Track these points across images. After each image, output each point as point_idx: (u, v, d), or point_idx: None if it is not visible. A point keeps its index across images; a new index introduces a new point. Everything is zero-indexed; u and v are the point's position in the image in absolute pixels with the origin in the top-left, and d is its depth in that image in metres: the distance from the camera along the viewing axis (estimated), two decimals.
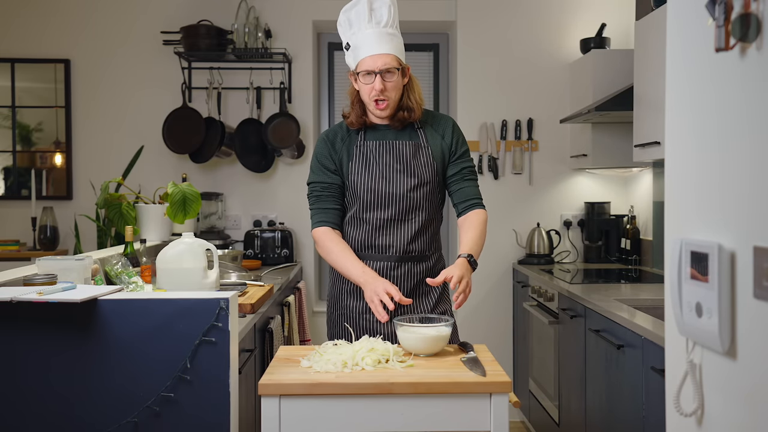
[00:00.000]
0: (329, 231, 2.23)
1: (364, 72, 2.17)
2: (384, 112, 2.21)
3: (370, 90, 2.17)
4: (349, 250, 2.21)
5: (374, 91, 2.16)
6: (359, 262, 2.17)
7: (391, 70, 2.16)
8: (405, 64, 2.23)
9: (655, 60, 2.94)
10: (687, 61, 1.12)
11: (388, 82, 2.16)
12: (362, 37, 2.16)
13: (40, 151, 4.22)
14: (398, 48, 2.20)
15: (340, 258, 2.19)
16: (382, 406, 1.65)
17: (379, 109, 2.20)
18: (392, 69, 2.16)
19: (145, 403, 1.65)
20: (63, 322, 1.67)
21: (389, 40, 2.17)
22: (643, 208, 3.91)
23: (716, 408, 1.05)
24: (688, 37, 1.11)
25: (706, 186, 1.07)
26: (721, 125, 1.02)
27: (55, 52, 4.18)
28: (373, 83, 2.16)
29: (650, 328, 2.18)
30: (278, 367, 1.78)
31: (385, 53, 2.15)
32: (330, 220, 2.25)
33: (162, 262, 2.24)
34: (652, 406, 2.19)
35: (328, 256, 2.23)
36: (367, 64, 2.16)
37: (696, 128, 1.10)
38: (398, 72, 2.18)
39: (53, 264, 1.99)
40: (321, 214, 2.25)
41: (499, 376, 1.69)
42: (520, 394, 4.02)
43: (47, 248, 4.00)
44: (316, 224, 2.25)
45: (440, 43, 4.47)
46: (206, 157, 4.03)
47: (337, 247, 2.20)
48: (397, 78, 2.18)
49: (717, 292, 1.00)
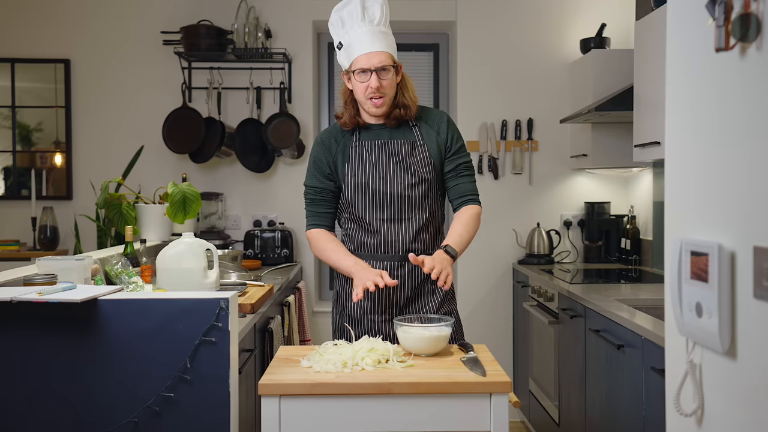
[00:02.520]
0: (322, 232, 2.27)
1: (359, 70, 2.16)
2: (380, 109, 2.19)
3: (366, 88, 2.17)
4: (342, 247, 2.23)
5: (370, 89, 2.16)
6: (352, 256, 2.19)
7: (387, 68, 2.16)
8: (399, 62, 2.23)
9: (655, 60, 2.94)
10: (687, 61, 1.12)
11: (383, 80, 2.16)
12: (355, 35, 2.16)
13: (40, 151, 4.22)
14: (392, 46, 2.20)
15: (332, 254, 2.21)
16: (382, 406, 1.65)
17: (375, 106, 2.19)
18: (387, 66, 2.16)
19: (145, 403, 1.65)
20: (63, 322, 1.67)
21: (383, 38, 2.17)
22: (643, 208, 3.91)
23: (716, 408, 1.05)
24: (688, 37, 1.11)
25: (706, 186, 1.07)
26: (721, 125, 1.02)
27: (55, 52, 4.18)
28: (368, 81, 2.15)
29: (650, 328, 2.18)
30: (278, 367, 1.78)
31: (380, 51, 2.15)
32: (322, 223, 2.28)
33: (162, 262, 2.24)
34: (652, 406, 2.19)
35: (322, 254, 2.25)
36: (362, 62, 2.15)
37: (696, 128, 1.10)
38: (393, 70, 2.18)
39: (53, 264, 1.99)
40: (314, 217, 2.29)
41: (499, 376, 1.69)
42: (520, 394, 4.01)
43: (47, 248, 4.00)
44: (310, 226, 2.30)
45: (440, 43, 4.46)
46: (206, 157, 4.03)
47: (330, 244, 2.23)
48: (392, 76, 2.18)
49: (717, 292, 1.00)
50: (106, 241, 3.78)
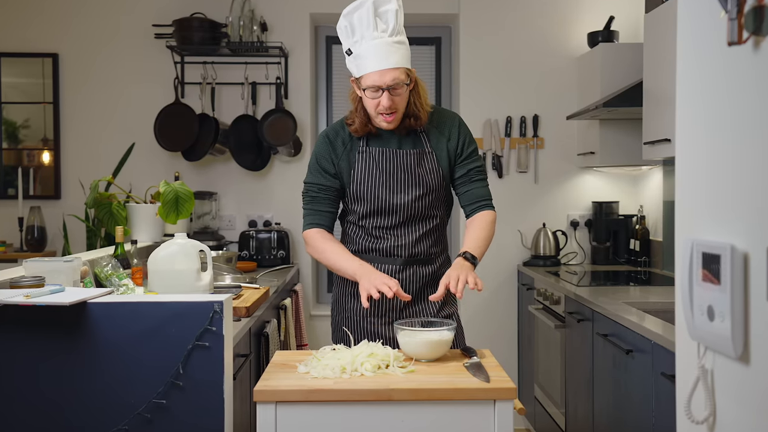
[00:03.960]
0: (321, 232, 2.22)
1: (370, 88, 2.10)
2: (391, 124, 2.16)
3: (377, 104, 2.11)
4: (343, 248, 2.20)
5: (381, 106, 2.11)
6: (355, 258, 2.15)
7: (400, 85, 2.10)
8: (412, 71, 2.16)
9: (665, 54, 2.94)
10: (698, 55, 1.12)
11: (395, 97, 2.10)
12: (366, 48, 2.07)
13: (27, 148, 4.22)
14: (406, 57, 2.11)
15: (334, 256, 2.16)
16: (381, 413, 1.65)
17: (386, 122, 2.15)
18: (401, 84, 2.09)
19: (136, 410, 1.65)
20: (51, 326, 1.67)
21: (396, 51, 2.08)
22: (652, 207, 3.91)
23: (729, 415, 1.05)
24: (700, 31, 1.11)
25: (718, 185, 1.06)
26: (734, 122, 1.02)
27: (42, 46, 4.18)
28: (380, 98, 2.10)
29: (660, 332, 2.18)
30: (274, 372, 1.78)
31: (393, 67, 2.07)
32: (322, 223, 2.23)
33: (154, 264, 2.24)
34: (662, 413, 2.19)
35: (321, 255, 2.20)
36: (373, 80, 2.08)
37: (708, 125, 1.10)
38: (406, 86, 2.12)
39: (41, 266, 1.99)
40: (313, 215, 2.24)
41: (504, 382, 1.69)
42: (525, 401, 4.02)
43: (35, 249, 4.00)
44: (308, 226, 2.24)
45: (442, 36, 4.47)
46: (199, 155, 4.03)
47: (330, 246, 2.19)
48: (404, 91, 2.12)
49: (729, 294, 1.00)
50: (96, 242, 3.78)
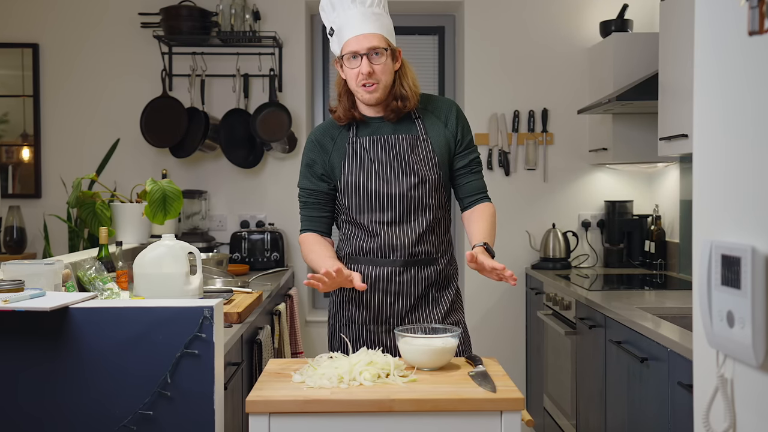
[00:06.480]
0: (313, 236, 2.27)
1: (348, 55, 2.15)
2: (373, 95, 2.17)
3: (357, 74, 2.15)
4: (328, 250, 2.22)
5: (361, 75, 2.14)
6: (334, 259, 2.17)
7: (379, 51, 2.14)
8: (395, 47, 2.21)
9: (682, 44, 2.95)
10: (717, 45, 1.12)
11: (376, 65, 2.14)
12: (346, 18, 2.15)
13: (6, 144, 4.22)
14: (386, 28, 2.18)
15: (314, 256, 2.20)
16: (382, 425, 1.65)
17: (367, 92, 2.17)
18: (380, 50, 2.14)
19: (122, 422, 1.65)
20: (31, 332, 1.67)
21: (375, 19, 2.15)
22: (668, 207, 3.91)
23: (749, 427, 1.05)
24: (719, 19, 1.11)
25: (738, 183, 1.07)
26: (756, 115, 1.02)
27: (22, 36, 4.18)
28: (359, 67, 2.14)
29: (677, 339, 2.19)
30: (268, 382, 1.78)
31: (371, 33, 2.13)
32: (314, 228, 2.28)
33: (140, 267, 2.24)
34: (678, 424, 2.19)
35: (306, 258, 2.25)
36: (351, 46, 2.14)
37: (727, 119, 1.10)
38: (387, 53, 2.16)
39: (20, 269, 1.99)
40: (306, 221, 2.30)
41: (511, 392, 1.69)
42: (534, 412, 4.02)
43: (13, 251, 4.00)
44: (301, 232, 2.32)
45: (446, 25, 4.47)
46: (188, 152, 4.03)
47: (315, 247, 2.23)
48: (386, 60, 2.16)
49: (750, 299, 1.00)
50: (79, 244, 3.78)
